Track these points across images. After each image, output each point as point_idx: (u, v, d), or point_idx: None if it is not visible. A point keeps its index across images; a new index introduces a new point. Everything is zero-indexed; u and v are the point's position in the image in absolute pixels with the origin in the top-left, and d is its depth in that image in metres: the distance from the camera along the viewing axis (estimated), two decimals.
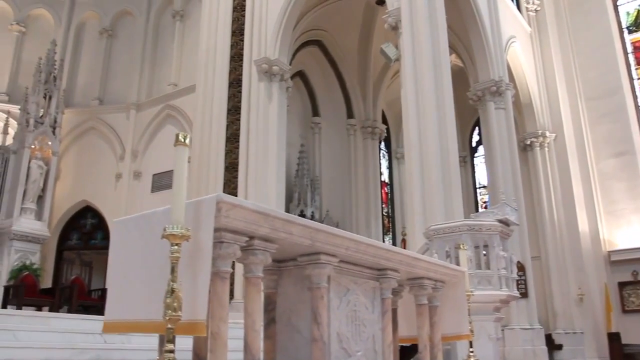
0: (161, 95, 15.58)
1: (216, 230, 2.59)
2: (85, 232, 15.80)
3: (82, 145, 16.06)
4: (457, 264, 7.52)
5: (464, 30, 13.58)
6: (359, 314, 3.74)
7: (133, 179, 15.24)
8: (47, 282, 14.17)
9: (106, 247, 15.08)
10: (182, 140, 2.55)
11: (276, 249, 3.00)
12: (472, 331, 4.78)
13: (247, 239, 2.81)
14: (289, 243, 3.05)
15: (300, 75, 15.86)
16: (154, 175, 14.98)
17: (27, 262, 13.14)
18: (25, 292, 8.60)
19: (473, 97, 13.72)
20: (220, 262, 2.67)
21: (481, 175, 19.00)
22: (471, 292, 4.86)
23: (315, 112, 16.30)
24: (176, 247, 2.40)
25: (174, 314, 2.34)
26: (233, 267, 2.81)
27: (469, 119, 18.67)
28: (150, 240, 2.73)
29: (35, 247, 13.51)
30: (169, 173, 14.44)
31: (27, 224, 13.39)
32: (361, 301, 3.80)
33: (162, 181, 14.72)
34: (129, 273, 2.85)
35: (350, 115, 16.62)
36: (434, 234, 7.80)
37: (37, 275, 13.02)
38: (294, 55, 14.45)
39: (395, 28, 11.32)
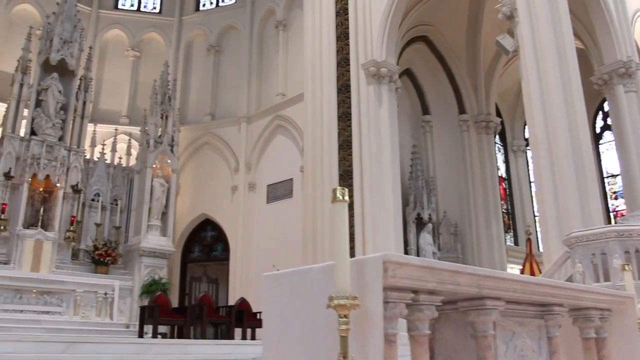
0: (270, 106, 15.73)
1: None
2: (206, 245, 16.32)
3: (198, 160, 16.60)
4: (605, 275, 6.88)
5: (583, 9, 12.55)
6: (526, 359, 3.36)
7: (248, 190, 15.49)
8: (174, 294, 14.72)
9: (226, 259, 15.55)
10: (341, 197, 2.31)
11: (441, 300, 2.71)
12: None
13: (412, 295, 2.54)
14: (454, 293, 2.75)
15: (407, 73, 15.43)
16: (268, 186, 15.15)
17: (156, 277, 13.72)
18: (159, 312, 8.88)
19: (598, 82, 12.67)
20: (387, 325, 2.41)
21: (608, 164, 17.60)
22: None
23: (425, 110, 15.80)
24: (345, 318, 2.18)
25: None
26: None
27: (591, 104, 17.29)
28: (307, 301, 2.54)
29: (162, 262, 14.08)
30: (283, 183, 14.60)
31: (153, 240, 13.98)
32: (527, 344, 3.41)
33: (277, 192, 14.86)
34: (285, 335, 2.66)
35: (462, 110, 15.92)
36: (575, 241, 7.18)
37: (165, 289, 13.56)
38: (400, 53, 14.05)
39: (510, 17, 10.66)
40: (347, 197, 2.33)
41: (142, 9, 18.73)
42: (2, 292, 11.34)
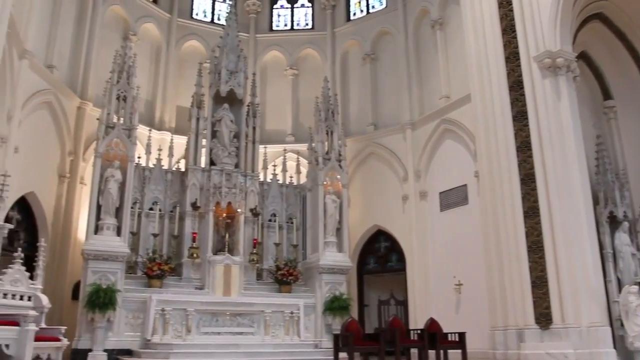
0: (434, 110, 15.17)
1: None
2: (380, 256, 16.22)
3: (365, 171, 16.56)
4: None
5: None
6: None
7: (420, 199, 15.10)
8: (353, 308, 14.71)
9: (402, 269, 15.33)
10: None
11: None
12: None
13: None
14: None
15: (581, 57, 14.02)
16: (440, 193, 14.64)
17: (337, 293, 13.85)
18: (353, 340, 8.86)
19: None
20: None
21: None
22: None
23: (607, 95, 14.26)
24: None
25: None
26: None
27: None
28: None
29: (341, 277, 14.18)
30: (456, 190, 14.11)
31: (331, 257, 14.13)
32: None
33: (450, 199, 14.33)
34: None
35: None
36: None
37: (347, 305, 13.66)
38: (573, 38, 12.81)
39: None
40: None
41: (295, 27, 19.17)
42: (202, 316, 12.18)
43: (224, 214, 13.79)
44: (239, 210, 13.71)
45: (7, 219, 9.86)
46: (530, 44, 11.86)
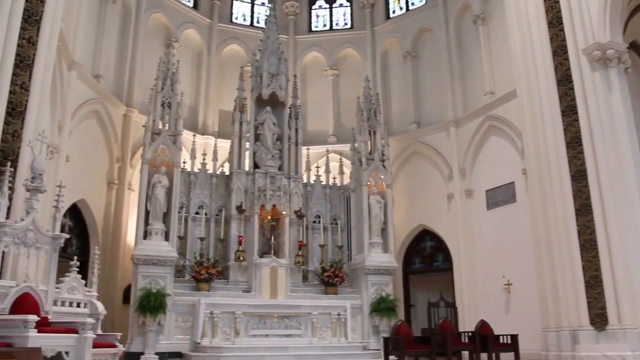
0: (479, 107, 14.89)
1: None
2: (426, 256, 16.05)
3: (408, 170, 16.40)
4: None
5: None
6: None
7: (465, 198, 14.86)
8: (400, 309, 14.57)
9: (449, 269, 15.11)
10: None
11: None
12: None
13: None
14: None
15: (632, 47, 13.54)
16: (487, 191, 14.38)
17: (383, 294, 13.74)
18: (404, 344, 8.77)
19: None
20: None
21: None
22: None
23: None
24: None
25: None
26: None
27: None
28: None
29: (387, 278, 14.06)
30: (503, 188, 13.86)
31: (376, 257, 14.02)
32: None
33: (497, 197, 14.06)
34: None
35: None
36: None
37: (394, 306, 13.54)
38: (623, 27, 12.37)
39: None
40: None
41: (334, 27, 19.12)
42: (250, 319, 12.24)
43: (269, 217, 13.86)
44: (283, 212, 13.75)
45: (61, 227, 10.11)
46: (579, 36, 11.49)
